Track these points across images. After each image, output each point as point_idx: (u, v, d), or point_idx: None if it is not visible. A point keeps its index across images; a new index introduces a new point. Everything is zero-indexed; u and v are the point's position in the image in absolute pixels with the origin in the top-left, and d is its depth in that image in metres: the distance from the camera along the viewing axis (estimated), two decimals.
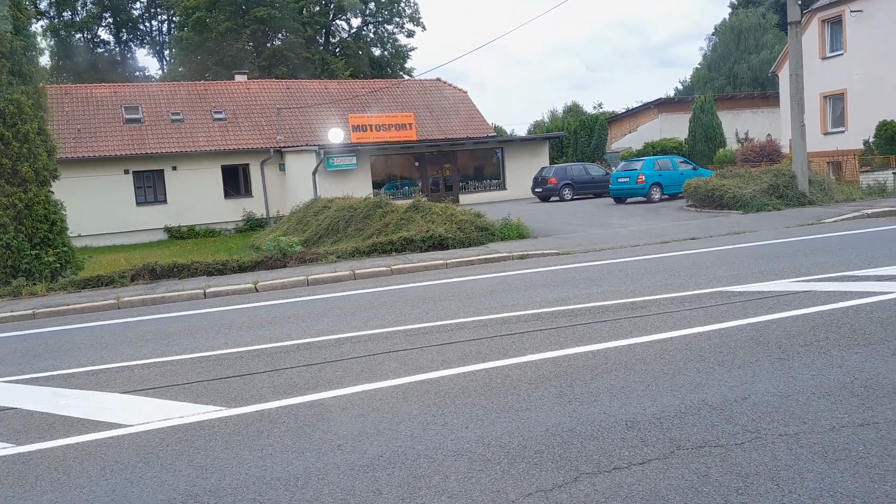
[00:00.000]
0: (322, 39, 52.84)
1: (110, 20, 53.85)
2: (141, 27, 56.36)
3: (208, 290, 10.73)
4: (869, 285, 7.05)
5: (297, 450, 4.00)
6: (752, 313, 6.27)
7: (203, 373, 5.85)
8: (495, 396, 4.64)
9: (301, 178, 26.98)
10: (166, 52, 54.85)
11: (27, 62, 14.28)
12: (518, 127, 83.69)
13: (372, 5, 52.13)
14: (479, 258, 11.99)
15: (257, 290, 10.79)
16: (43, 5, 50.85)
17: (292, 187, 27.59)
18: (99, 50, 53.66)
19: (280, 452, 3.98)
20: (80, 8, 51.70)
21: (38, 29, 49.62)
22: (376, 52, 54.10)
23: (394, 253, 13.27)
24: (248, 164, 28.54)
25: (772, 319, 5.99)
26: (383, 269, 11.53)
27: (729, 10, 61.94)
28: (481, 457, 3.70)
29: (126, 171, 26.65)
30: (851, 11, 24.99)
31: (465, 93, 35.68)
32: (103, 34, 54.60)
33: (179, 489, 3.61)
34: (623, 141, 39.01)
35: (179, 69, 48.34)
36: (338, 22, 53.82)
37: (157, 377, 5.84)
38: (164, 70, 53.16)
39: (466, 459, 3.68)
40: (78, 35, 51.98)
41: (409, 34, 54.15)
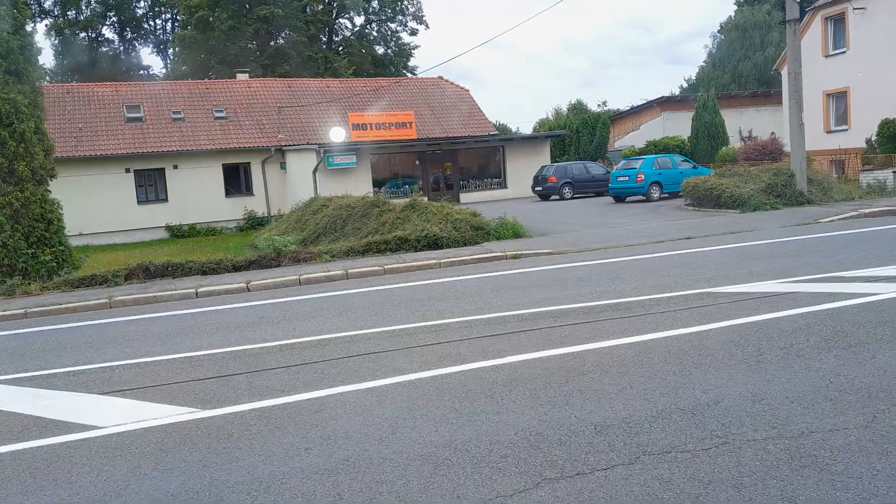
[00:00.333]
0: (325, 38, 52.84)
1: (114, 19, 54.02)
2: (145, 26, 56.53)
3: (200, 290, 10.74)
4: (856, 287, 6.99)
5: (265, 453, 3.99)
6: (735, 315, 6.22)
7: (183, 374, 5.85)
8: (469, 399, 4.61)
9: (302, 177, 27.00)
10: (170, 51, 54.96)
11: (24, 61, 14.31)
12: (525, 125, 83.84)
13: (375, 3, 52.09)
14: (472, 258, 11.96)
15: (249, 290, 10.79)
16: (47, 4, 51.15)
17: (293, 186, 27.59)
18: (103, 48, 53.84)
19: (247, 456, 3.97)
20: (84, 7, 51.85)
21: (36, 28, 49.88)
22: (380, 50, 54.07)
23: (389, 252, 13.25)
24: (249, 163, 28.55)
25: (754, 321, 5.94)
26: (376, 268, 11.51)
27: (735, 8, 61.60)
28: (446, 461, 3.67)
29: (127, 170, 26.69)
30: (854, 9, 24.81)
31: (467, 91, 35.60)
32: (107, 33, 54.90)
33: (142, 493, 3.60)
34: (626, 139, 38.88)
35: (183, 68, 48.45)
36: (341, 20, 53.81)
37: (137, 378, 5.84)
38: (168, 69, 53.25)
39: (431, 464, 3.66)
40: (82, 34, 52.15)
41: (413, 32, 54.14)
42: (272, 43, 48.58)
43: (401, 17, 53.17)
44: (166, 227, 26.94)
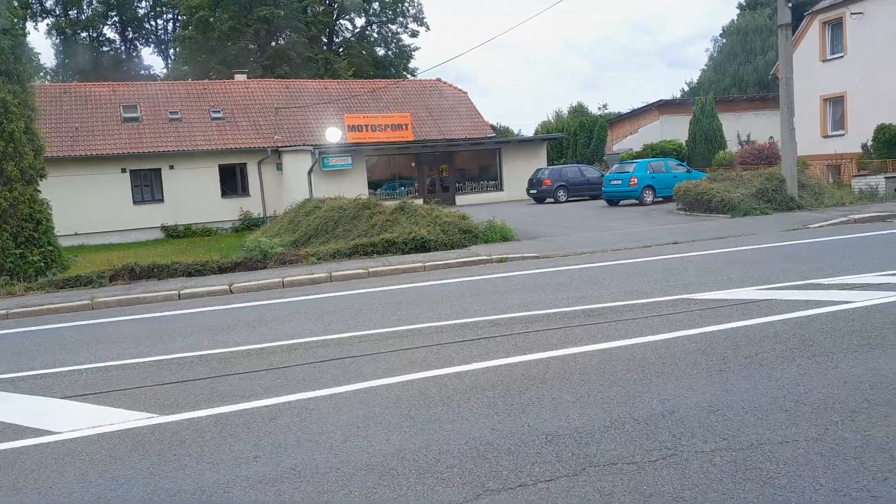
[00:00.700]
0: (326, 39, 52.86)
1: (116, 19, 54.07)
2: (146, 26, 56.58)
3: (183, 292, 10.72)
4: (831, 294, 6.94)
5: (214, 461, 3.96)
6: (706, 322, 6.18)
7: (148, 378, 5.82)
8: (426, 407, 4.58)
9: (298, 178, 26.99)
10: (171, 51, 55.01)
11: (14, 61, 14.33)
12: (528, 127, 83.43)
13: (376, 5, 52.09)
14: (458, 261, 11.93)
15: (232, 292, 10.77)
16: (49, 3, 51.23)
17: (289, 187, 27.57)
18: (104, 48, 53.89)
19: (195, 463, 3.94)
20: (85, 6, 51.94)
21: (37, 28, 50.03)
22: (380, 52, 54.07)
23: (375, 255, 13.22)
24: (245, 164, 28.55)
25: (723, 329, 5.90)
26: (360, 271, 11.49)
27: (737, 12, 61.50)
28: (392, 471, 3.64)
29: (123, 170, 26.71)
30: (852, 13, 24.74)
31: (465, 93, 35.60)
32: (109, 32, 54.90)
33: (85, 501, 3.58)
34: (624, 142, 38.81)
35: (184, 68, 48.51)
36: (341, 22, 53.84)
37: (102, 382, 5.82)
38: (169, 69, 53.31)
39: (376, 473, 3.63)
40: (83, 34, 52.23)
41: (413, 34, 54.15)
42: (273, 44, 48.60)
43: (401, 19, 53.17)
44: (162, 228, 26.96)
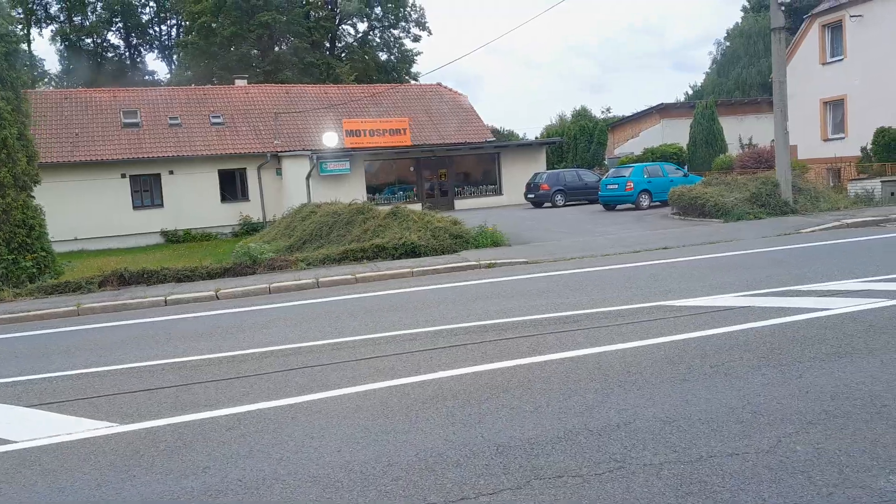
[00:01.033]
0: (328, 44, 53.01)
1: (120, 25, 54.38)
2: (150, 32, 56.89)
3: (169, 298, 10.72)
4: (810, 301, 6.87)
5: (163, 471, 3.94)
6: (679, 330, 6.13)
7: (115, 386, 5.81)
8: (384, 417, 4.55)
9: (297, 183, 27.03)
10: (174, 57, 55.25)
11: (8, 67, 14.41)
12: (532, 130, 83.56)
13: (378, 10, 52.19)
14: (446, 267, 11.90)
15: (218, 298, 10.77)
16: (53, 10, 51.59)
17: (288, 192, 27.62)
18: (108, 54, 54.21)
19: (144, 474, 3.91)
20: (90, 12, 52.26)
21: (42, 34, 50.31)
22: (382, 56, 54.15)
23: (365, 260, 13.21)
24: (245, 169, 28.61)
25: (695, 337, 5.85)
26: (348, 277, 11.47)
27: (741, 14, 61.35)
28: (336, 483, 3.61)
29: (123, 176, 26.82)
30: (851, 16, 24.62)
31: (465, 97, 35.63)
32: (113, 38, 55.23)
33: None
34: (626, 146, 38.73)
35: (186, 73, 48.74)
36: (344, 27, 53.98)
37: (70, 390, 5.81)
38: (172, 74, 53.56)
39: (321, 486, 3.60)
40: (88, 40, 52.56)
41: (416, 39, 54.22)
42: (275, 49, 48.77)
43: (403, 24, 53.26)
44: (161, 233, 27.04)
